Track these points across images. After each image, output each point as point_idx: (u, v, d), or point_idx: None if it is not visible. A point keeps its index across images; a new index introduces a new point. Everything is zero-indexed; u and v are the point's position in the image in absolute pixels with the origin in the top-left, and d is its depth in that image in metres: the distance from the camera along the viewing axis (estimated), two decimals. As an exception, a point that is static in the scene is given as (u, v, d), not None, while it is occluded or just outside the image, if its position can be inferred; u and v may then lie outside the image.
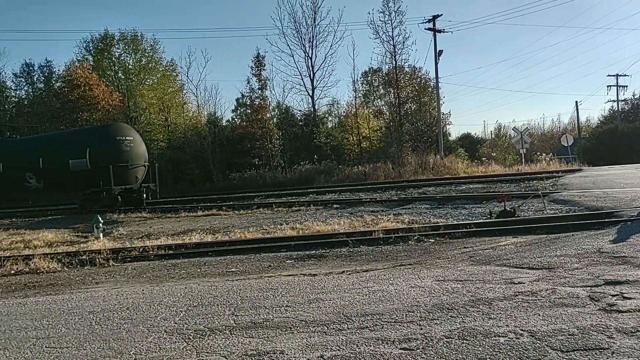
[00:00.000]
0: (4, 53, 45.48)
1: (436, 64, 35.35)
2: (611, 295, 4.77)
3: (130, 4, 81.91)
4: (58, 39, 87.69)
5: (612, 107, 57.37)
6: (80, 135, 23.01)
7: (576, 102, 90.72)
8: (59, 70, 38.40)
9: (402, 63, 35.68)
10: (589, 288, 5.07)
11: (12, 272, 9.13)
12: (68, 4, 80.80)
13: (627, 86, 55.38)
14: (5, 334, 4.98)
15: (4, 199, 24.86)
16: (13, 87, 39.31)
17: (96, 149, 20.22)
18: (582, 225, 9.29)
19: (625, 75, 57.07)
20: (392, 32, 34.40)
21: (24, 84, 39.20)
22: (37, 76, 39.00)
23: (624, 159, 34.26)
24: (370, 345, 3.94)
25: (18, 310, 5.97)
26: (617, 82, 54.10)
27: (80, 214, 20.04)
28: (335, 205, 16.58)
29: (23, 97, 39.27)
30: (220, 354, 4.01)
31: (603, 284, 5.17)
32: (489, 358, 3.55)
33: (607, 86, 55.79)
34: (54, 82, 38.17)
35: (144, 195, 21.02)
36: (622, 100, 55.66)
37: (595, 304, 4.56)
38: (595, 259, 6.33)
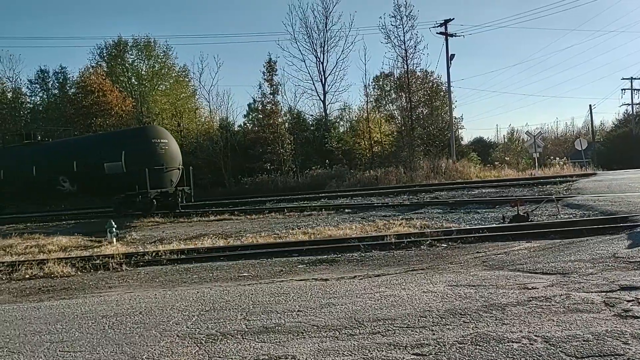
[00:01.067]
0: (20, 60, 46.17)
1: (448, 68, 35.29)
2: (627, 301, 4.71)
3: (144, 12, 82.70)
4: (72, 45, 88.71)
5: (627, 110, 56.79)
6: (115, 137, 22.59)
7: (590, 105, 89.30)
8: (73, 76, 38.84)
9: (414, 67, 35.62)
10: (604, 293, 5.01)
11: (27, 276, 9.22)
12: (82, 13, 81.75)
13: (642, 89, 54.69)
14: (20, 337, 5.02)
15: (36, 203, 24.61)
16: (28, 94, 39.83)
17: (131, 151, 19.78)
18: (596, 230, 9.19)
19: (639, 79, 56.40)
20: (404, 36, 34.35)
21: (39, 90, 39.70)
22: (51, 82, 39.47)
23: (638, 163, 33.87)
24: (383, 351, 3.92)
25: (32, 315, 6.02)
26: (631, 85, 53.64)
27: (93, 218, 20.19)
28: (347, 210, 16.57)
29: (38, 103, 39.75)
30: (232, 358, 4.01)
31: (618, 290, 5.10)
32: (503, 364, 3.52)
33: (622, 89, 55.30)
34: (68, 88, 38.57)
35: (179, 199, 20.57)
36: (636, 104, 55.02)
37: (610, 310, 4.50)
38: (610, 264, 6.26)
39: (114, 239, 13.30)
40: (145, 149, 19.92)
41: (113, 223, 13.80)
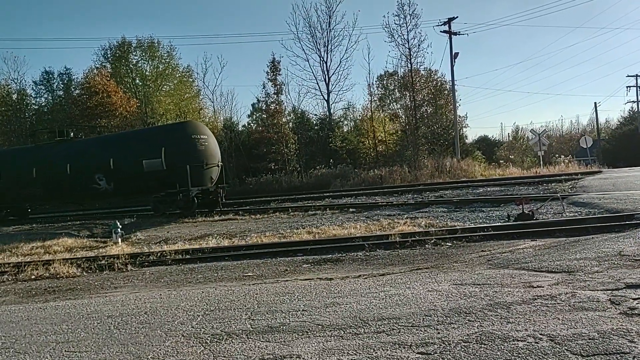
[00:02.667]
0: (24, 61, 46.32)
1: (452, 66, 35.20)
2: (632, 299, 4.69)
3: (148, 13, 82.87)
4: (77, 47, 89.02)
5: (632, 108, 56.58)
6: (154, 134, 21.74)
7: (595, 103, 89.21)
8: (77, 77, 38.98)
9: (418, 66, 35.56)
10: (610, 291, 4.99)
11: (33, 277, 9.27)
12: (86, 15, 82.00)
13: (646, 87, 54.44)
14: (26, 338, 5.04)
15: (69, 203, 23.84)
16: (33, 95, 39.99)
17: (171, 148, 18.87)
18: (602, 228, 9.16)
19: (644, 76, 56.16)
20: (407, 35, 34.28)
21: (44, 91, 39.84)
22: (56, 84, 39.62)
23: (644, 161, 33.73)
24: (387, 350, 3.92)
25: (38, 315, 6.05)
26: (636, 82, 53.39)
27: (100, 218, 20.24)
28: (351, 209, 16.56)
29: (43, 104, 39.90)
30: (237, 358, 4.02)
31: (624, 288, 5.08)
32: (508, 363, 3.51)
33: (627, 87, 55.21)
34: (73, 89, 38.71)
35: (220, 196, 19.87)
36: (642, 101, 54.80)
37: (616, 308, 4.49)
38: (616, 262, 6.23)
39: (119, 240, 13.34)
40: (185, 145, 19.11)
41: (118, 224, 13.86)
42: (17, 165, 21.88)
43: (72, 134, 23.19)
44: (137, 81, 38.35)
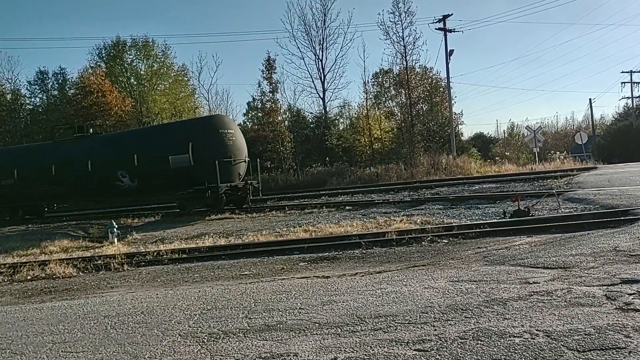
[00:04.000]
0: (18, 61, 46.18)
1: (447, 63, 35.24)
2: (628, 294, 4.71)
3: (142, 12, 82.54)
4: (71, 46, 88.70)
5: (627, 104, 56.75)
6: (181, 128, 20.86)
7: (590, 99, 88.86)
8: (72, 77, 38.89)
9: (413, 63, 35.63)
10: (606, 287, 5.01)
11: (29, 277, 9.24)
12: (80, 14, 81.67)
13: (641, 82, 54.65)
14: (22, 339, 5.03)
15: (90, 201, 23.09)
16: (28, 95, 39.87)
17: (199, 143, 18.22)
18: (597, 224, 9.19)
19: (639, 72, 56.34)
20: (403, 32, 34.35)
21: (38, 91, 39.75)
22: (51, 84, 39.54)
23: (639, 156, 33.84)
24: (384, 347, 3.92)
25: (34, 316, 6.03)
26: (631, 78, 53.57)
27: (94, 218, 20.16)
28: (347, 207, 16.56)
29: (37, 104, 39.80)
30: (234, 356, 4.02)
31: (620, 283, 5.10)
32: (504, 359, 3.52)
33: (621, 83, 55.25)
34: (67, 89, 38.59)
35: (248, 193, 19.21)
36: (636, 97, 54.96)
37: (611, 303, 4.50)
38: (611, 258, 6.25)
39: (115, 239, 13.31)
40: (213, 139, 18.36)
41: (114, 223, 13.83)
42: (34, 163, 21.12)
43: (91, 130, 22.27)
44: (132, 80, 38.30)
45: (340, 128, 39.80)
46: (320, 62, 38.04)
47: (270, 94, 35.61)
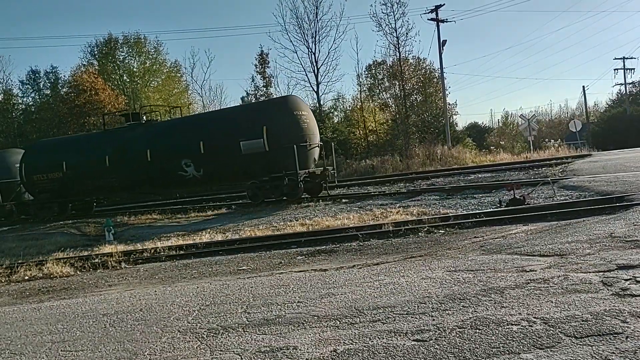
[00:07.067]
0: (10, 61, 45.89)
1: (440, 54, 35.19)
2: (624, 280, 4.74)
3: (133, 8, 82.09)
4: (63, 44, 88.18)
5: (620, 90, 56.96)
6: (253, 111, 19.55)
7: (583, 87, 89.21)
8: (64, 76, 38.70)
9: (406, 55, 35.58)
10: (602, 273, 5.04)
11: (26, 277, 9.23)
12: (71, 12, 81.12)
13: (634, 69, 54.67)
14: (21, 339, 5.03)
15: (151, 194, 21.36)
16: (20, 94, 39.67)
17: (275, 126, 16.74)
18: (593, 211, 9.22)
19: (632, 58, 56.69)
20: (395, 24, 34.25)
21: (31, 90, 39.54)
22: (43, 82, 39.34)
23: (633, 142, 33.95)
24: (383, 338, 3.94)
25: (33, 316, 6.03)
26: (624, 65, 53.66)
27: (92, 217, 20.03)
28: (344, 200, 16.54)
29: (30, 103, 39.59)
30: (233, 351, 4.03)
31: (616, 269, 5.13)
32: (502, 346, 3.54)
33: (614, 69, 55.59)
34: (60, 87, 38.42)
35: (327, 180, 17.76)
36: (629, 83, 55.21)
37: (608, 289, 4.53)
38: (607, 244, 6.28)
39: (112, 237, 13.28)
40: (289, 122, 16.96)
41: (111, 221, 13.79)
42: (85, 154, 19.77)
43: (144, 117, 20.79)
44: (125, 78, 38.14)
45: (335, 121, 39.72)
46: (313, 55, 37.86)
47: (264, 88, 35.53)
